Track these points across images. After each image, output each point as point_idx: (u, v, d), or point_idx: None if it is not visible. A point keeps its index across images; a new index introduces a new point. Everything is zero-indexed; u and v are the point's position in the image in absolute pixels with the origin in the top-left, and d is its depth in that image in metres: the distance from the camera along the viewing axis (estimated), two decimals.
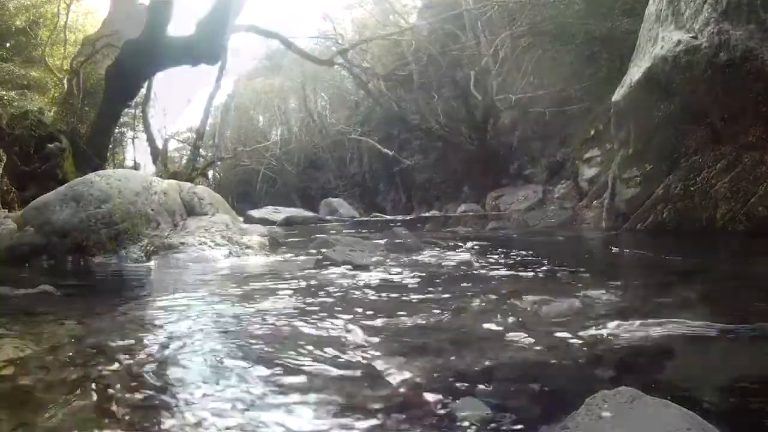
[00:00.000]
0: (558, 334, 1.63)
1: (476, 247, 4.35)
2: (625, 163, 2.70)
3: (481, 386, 1.21)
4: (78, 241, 3.73)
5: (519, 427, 1.00)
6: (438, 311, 1.76)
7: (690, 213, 3.24)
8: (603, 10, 17.26)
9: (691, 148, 2.12)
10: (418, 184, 29.42)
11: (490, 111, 23.44)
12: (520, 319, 1.77)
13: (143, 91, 19.87)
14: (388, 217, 18.53)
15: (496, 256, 3.45)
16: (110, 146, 17.77)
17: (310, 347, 1.34)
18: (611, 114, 2.88)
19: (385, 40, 25.07)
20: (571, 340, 1.55)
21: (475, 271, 2.89)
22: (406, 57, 27.29)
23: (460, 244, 4.22)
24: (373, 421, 0.96)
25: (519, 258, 3.36)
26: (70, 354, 1.29)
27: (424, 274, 2.65)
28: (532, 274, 2.70)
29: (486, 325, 1.69)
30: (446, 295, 2.11)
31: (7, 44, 23.07)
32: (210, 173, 40.08)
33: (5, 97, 18.98)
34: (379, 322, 1.61)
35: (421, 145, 28.37)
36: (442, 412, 1.06)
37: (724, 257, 3.33)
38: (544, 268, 2.78)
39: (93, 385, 1.08)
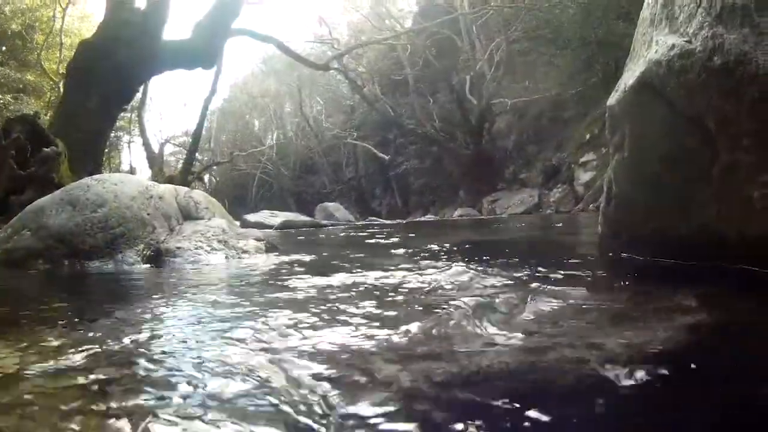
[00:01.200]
0: None
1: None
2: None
3: None
4: (74, 246, 3.72)
5: None
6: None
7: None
8: (598, 14, 17.36)
9: (686, 153, 2.15)
10: (414, 189, 29.55)
11: (485, 115, 23.59)
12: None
13: (139, 95, 19.87)
14: (384, 221, 18.53)
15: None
16: (106, 150, 17.74)
17: (316, 353, 1.35)
18: (606, 118, 2.90)
19: (380, 44, 25.15)
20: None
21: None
22: (401, 61, 27.42)
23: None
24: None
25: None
26: (69, 361, 1.28)
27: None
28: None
29: None
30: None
31: (3, 48, 23.07)
32: (206, 177, 40.17)
33: (1, 101, 18.99)
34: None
35: (417, 149, 28.52)
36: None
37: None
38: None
39: (93, 394, 1.07)
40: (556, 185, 19.03)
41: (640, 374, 1.10)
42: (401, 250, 4.38)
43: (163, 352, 1.35)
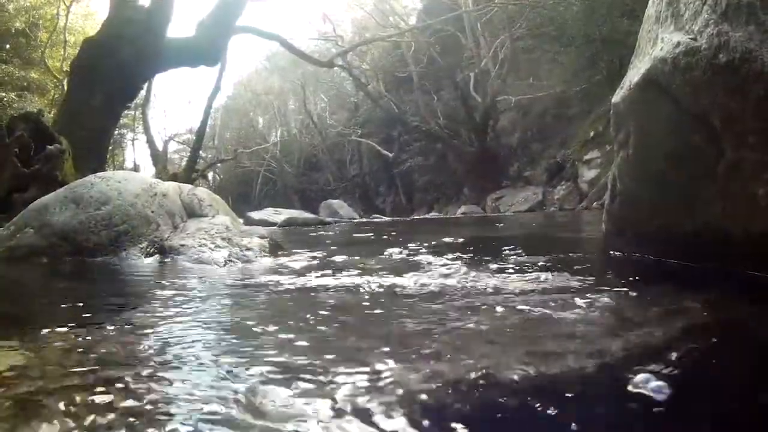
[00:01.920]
0: None
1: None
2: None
3: None
4: (77, 243, 3.72)
5: None
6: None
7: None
8: (602, 11, 17.31)
9: (691, 150, 2.13)
10: (418, 186, 29.51)
11: (489, 112, 23.54)
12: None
13: (143, 92, 19.89)
14: (388, 218, 18.52)
15: None
16: (110, 148, 17.76)
17: (317, 353, 1.34)
18: (611, 115, 2.89)
19: (385, 41, 25.10)
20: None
21: None
22: (405, 59, 27.39)
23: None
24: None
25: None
26: (72, 362, 1.28)
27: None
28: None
29: None
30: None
31: (7, 46, 23.10)
32: (210, 175, 40.25)
33: (5, 99, 19.03)
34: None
35: (421, 146, 28.47)
36: None
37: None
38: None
39: (95, 395, 1.07)
40: (560, 183, 18.99)
41: (640, 376, 1.09)
42: (401, 248, 4.38)
43: (169, 356, 1.35)
